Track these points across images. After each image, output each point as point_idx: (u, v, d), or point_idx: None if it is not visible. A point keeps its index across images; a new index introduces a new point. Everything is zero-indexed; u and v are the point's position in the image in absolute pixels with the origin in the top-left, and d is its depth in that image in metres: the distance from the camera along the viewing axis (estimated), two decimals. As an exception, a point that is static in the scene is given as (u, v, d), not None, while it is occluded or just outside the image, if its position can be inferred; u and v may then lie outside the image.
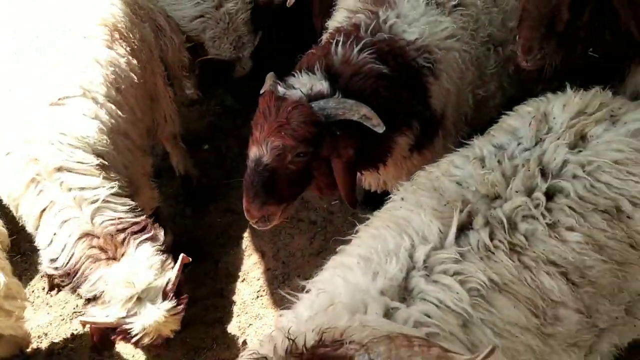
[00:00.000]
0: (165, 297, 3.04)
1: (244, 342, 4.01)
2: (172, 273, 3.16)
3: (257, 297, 4.31)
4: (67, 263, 3.11)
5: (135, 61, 3.93)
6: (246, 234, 4.59)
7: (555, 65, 3.03)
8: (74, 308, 4.25)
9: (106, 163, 3.38)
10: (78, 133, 3.31)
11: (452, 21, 3.35)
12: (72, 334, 4.18)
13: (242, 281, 4.36)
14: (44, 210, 3.18)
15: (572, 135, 2.39)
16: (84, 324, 3.19)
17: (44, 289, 4.28)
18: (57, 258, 3.14)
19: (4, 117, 3.36)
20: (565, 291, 2.19)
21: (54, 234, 3.17)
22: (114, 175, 3.39)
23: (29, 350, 3.96)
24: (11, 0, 3.87)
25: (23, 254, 4.46)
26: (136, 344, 3.09)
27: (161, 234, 3.35)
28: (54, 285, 3.36)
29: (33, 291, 4.39)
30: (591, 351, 2.47)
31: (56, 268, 3.17)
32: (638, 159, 2.30)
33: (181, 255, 3.24)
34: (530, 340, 2.17)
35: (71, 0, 3.81)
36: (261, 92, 3.07)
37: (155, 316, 2.97)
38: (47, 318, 4.25)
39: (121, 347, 3.92)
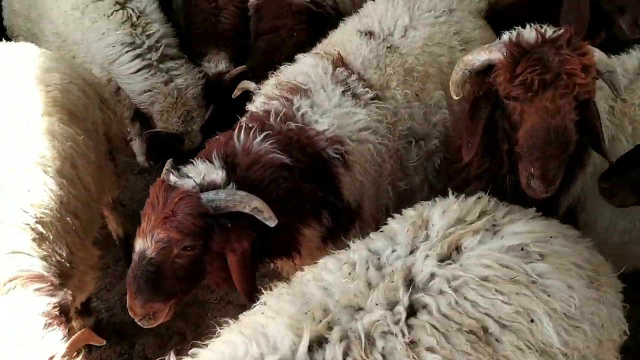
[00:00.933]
0: None
1: None
2: (57, 345, 2.44)
3: (174, 383, 4.08)
4: None
5: (90, 142, 3.89)
6: (168, 314, 4.40)
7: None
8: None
9: (44, 233, 3.13)
10: (20, 188, 3.13)
11: (367, 113, 3.31)
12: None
13: (158, 365, 4.14)
14: None
15: (445, 246, 2.26)
16: None
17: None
18: None
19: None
20: (421, 419, 2.01)
21: None
22: (49, 249, 3.12)
23: None
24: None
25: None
26: None
27: (64, 295, 2.85)
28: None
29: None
30: None
31: None
32: (508, 276, 2.16)
33: (83, 332, 2.62)
34: None
35: (28, 84, 3.71)
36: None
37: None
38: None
39: None
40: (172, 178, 2.82)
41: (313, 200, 3.11)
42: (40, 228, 3.13)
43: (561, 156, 2.66)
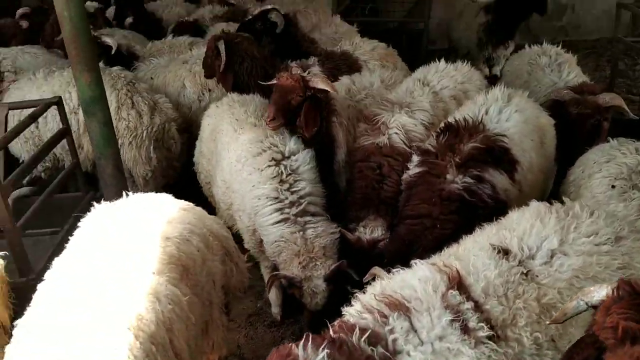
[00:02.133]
0: None
1: None
2: None
3: None
4: None
5: (196, 299, 3.74)
6: None
7: None
8: None
9: None
10: (104, 354, 2.94)
11: (477, 357, 2.61)
12: None
13: None
14: None
15: None
16: None
17: None
18: None
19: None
20: None
21: None
22: None
23: None
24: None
25: None
26: None
27: None
28: None
29: None
30: None
31: None
32: None
33: None
34: None
35: (150, 238, 3.70)
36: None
37: None
38: None
39: None
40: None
41: None
42: None
43: None
